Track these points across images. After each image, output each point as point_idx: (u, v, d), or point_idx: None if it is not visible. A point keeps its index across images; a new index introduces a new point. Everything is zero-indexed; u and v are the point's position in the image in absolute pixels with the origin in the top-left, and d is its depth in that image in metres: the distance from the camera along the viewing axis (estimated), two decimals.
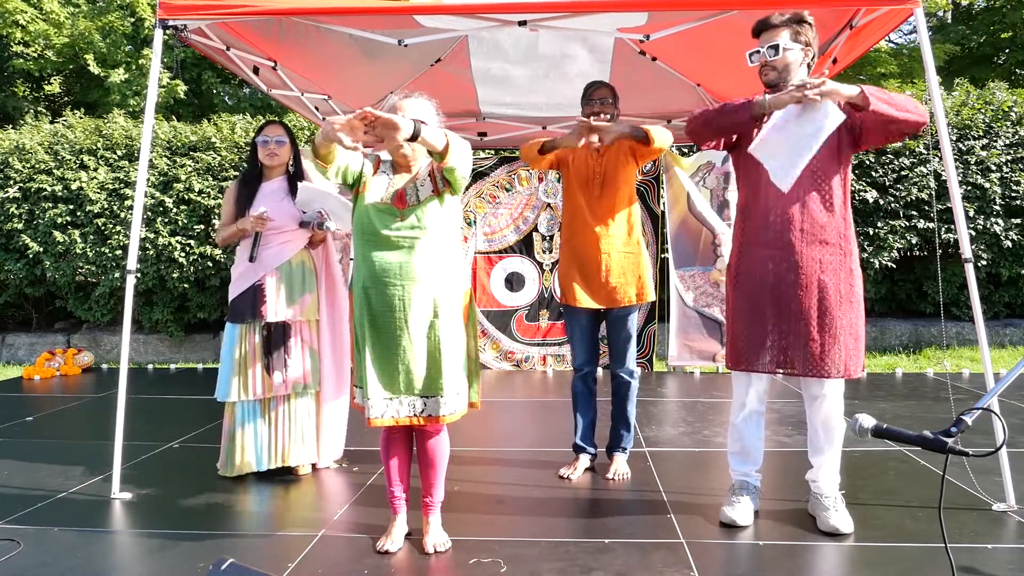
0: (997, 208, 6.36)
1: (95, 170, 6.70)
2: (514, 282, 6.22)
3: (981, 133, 6.46)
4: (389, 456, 2.55)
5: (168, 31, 3.13)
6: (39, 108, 11.26)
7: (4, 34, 10.08)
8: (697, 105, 3.30)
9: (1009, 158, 6.41)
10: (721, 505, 2.76)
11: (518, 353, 6.22)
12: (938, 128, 2.93)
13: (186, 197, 6.60)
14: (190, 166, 6.66)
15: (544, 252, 6.20)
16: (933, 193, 6.22)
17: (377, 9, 3.12)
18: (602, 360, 3.84)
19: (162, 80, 9.45)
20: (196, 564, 2.40)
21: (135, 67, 10.33)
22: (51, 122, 7.53)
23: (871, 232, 6.34)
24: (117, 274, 6.61)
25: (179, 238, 6.56)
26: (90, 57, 10.14)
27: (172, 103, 10.33)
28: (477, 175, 6.15)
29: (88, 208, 6.61)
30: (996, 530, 2.63)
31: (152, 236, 6.51)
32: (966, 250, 2.92)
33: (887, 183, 6.39)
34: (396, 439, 2.55)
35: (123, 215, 6.56)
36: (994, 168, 6.36)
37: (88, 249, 6.62)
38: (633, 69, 4.36)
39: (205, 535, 2.67)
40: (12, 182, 6.74)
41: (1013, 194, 6.38)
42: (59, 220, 6.62)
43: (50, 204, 6.67)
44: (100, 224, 6.62)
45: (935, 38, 11.78)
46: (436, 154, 2.30)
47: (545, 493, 3.09)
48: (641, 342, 6.01)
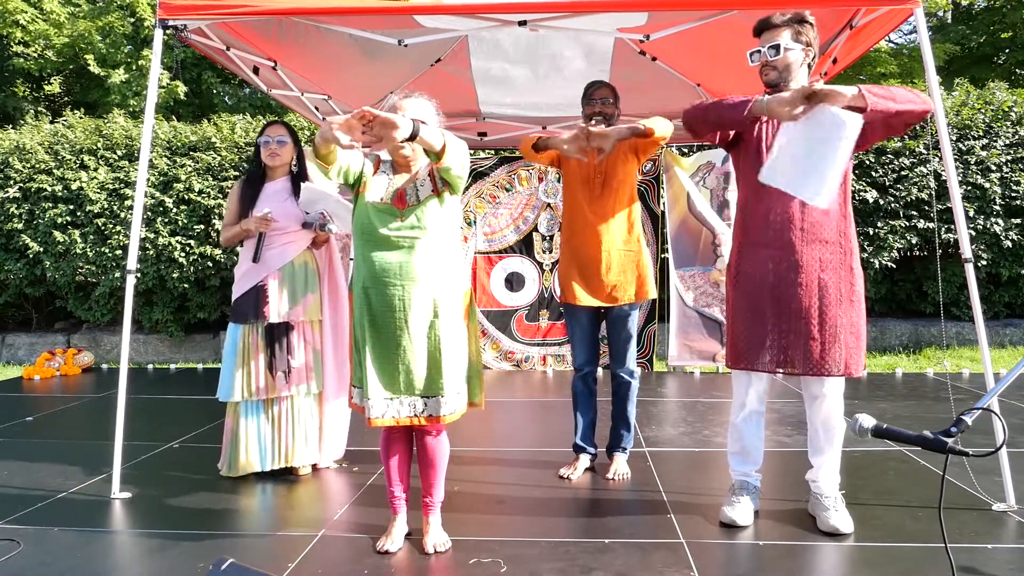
0: (997, 208, 6.36)
1: (95, 170, 6.70)
2: (514, 282, 6.22)
3: (981, 133, 6.46)
4: (389, 456, 2.55)
5: (168, 31, 3.13)
6: (39, 108, 11.26)
7: (4, 34, 10.08)
8: None
9: (1009, 158, 6.40)
10: (721, 505, 2.76)
11: (518, 353, 6.22)
12: (938, 128, 2.93)
13: (186, 197, 6.60)
14: (190, 166, 6.66)
15: (544, 252, 6.20)
16: (933, 193, 6.22)
17: (377, 9, 3.12)
18: (602, 360, 3.84)
19: (162, 81, 9.46)
20: (196, 564, 2.40)
21: (135, 67, 10.33)
22: (51, 122, 7.53)
23: (871, 232, 6.34)
24: (117, 274, 6.61)
25: (179, 238, 6.56)
26: (90, 57, 10.15)
27: (172, 104, 10.33)
28: (477, 175, 6.15)
29: (88, 208, 6.61)
30: (996, 530, 2.63)
31: (152, 236, 6.51)
32: (966, 250, 2.92)
33: (887, 183, 6.39)
34: (396, 439, 2.55)
35: (123, 215, 6.56)
36: (994, 168, 6.36)
37: (88, 249, 6.62)
38: (633, 69, 4.36)
39: (205, 535, 2.67)
40: (12, 182, 6.74)
41: (1013, 194, 6.38)
42: (59, 220, 6.62)
43: (50, 204, 6.67)
44: (100, 224, 6.62)
45: (935, 38, 11.78)
46: (432, 154, 2.30)
47: (545, 493, 3.09)
48: (641, 342, 6.01)
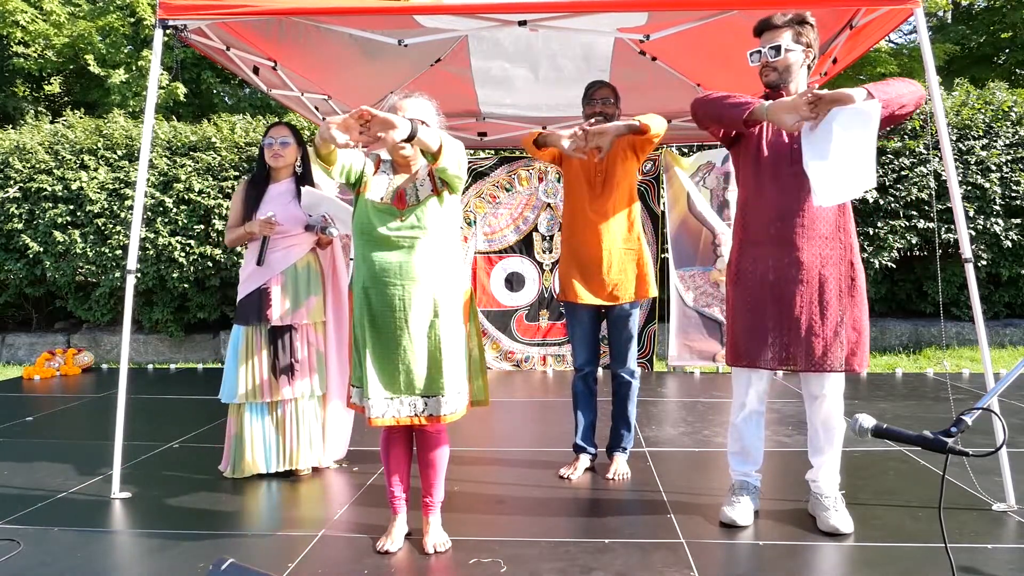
0: (997, 208, 6.36)
1: (95, 170, 6.70)
2: (514, 282, 6.22)
3: (981, 133, 6.45)
4: (389, 456, 2.55)
5: (168, 31, 3.13)
6: (39, 108, 11.26)
7: (4, 34, 10.08)
8: None
9: (1009, 158, 6.40)
10: (721, 505, 2.76)
11: (518, 353, 6.22)
12: (938, 128, 2.93)
13: (186, 197, 6.59)
14: (190, 166, 6.66)
15: (544, 252, 6.20)
16: (933, 193, 6.22)
17: (377, 9, 3.12)
18: (603, 360, 3.85)
19: (162, 81, 9.45)
20: (196, 564, 2.40)
21: (135, 68, 10.33)
22: (51, 122, 7.53)
23: (871, 232, 6.34)
24: (117, 274, 6.61)
25: (179, 238, 6.56)
26: (90, 57, 10.15)
27: (172, 104, 10.33)
28: (477, 175, 6.15)
29: (88, 208, 6.61)
30: (996, 530, 2.63)
31: (152, 236, 6.50)
32: (966, 250, 2.91)
33: (887, 183, 6.39)
34: (396, 439, 2.55)
35: (123, 215, 6.56)
36: (994, 168, 6.36)
37: (88, 249, 6.62)
38: (633, 69, 4.36)
39: (205, 535, 2.67)
40: (12, 182, 6.74)
41: (1013, 194, 6.37)
42: (59, 220, 6.62)
43: (50, 204, 6.67)
44: (100, 224, 6.62)
45: (935, 38, 11.77)
46: (429, 155, 2.30)
47: (545, 493, 3.09)
48: (641, 342, 6.01)
